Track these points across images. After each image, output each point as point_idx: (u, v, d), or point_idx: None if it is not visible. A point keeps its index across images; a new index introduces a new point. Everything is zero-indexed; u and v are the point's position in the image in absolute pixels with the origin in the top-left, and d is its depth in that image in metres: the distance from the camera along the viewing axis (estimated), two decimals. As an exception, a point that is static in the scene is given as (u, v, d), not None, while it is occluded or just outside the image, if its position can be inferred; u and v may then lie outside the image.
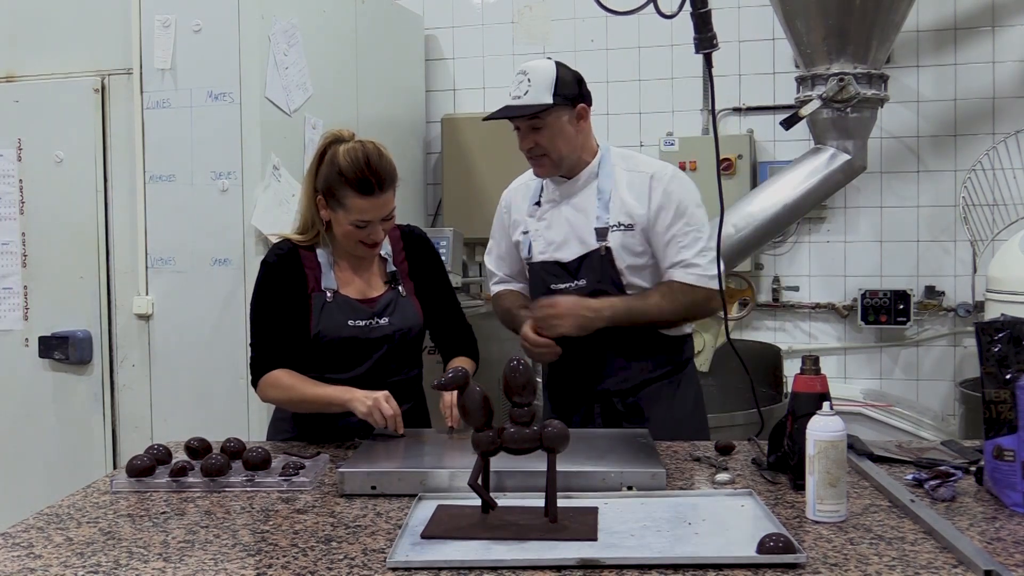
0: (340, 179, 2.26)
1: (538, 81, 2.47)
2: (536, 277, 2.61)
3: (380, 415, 2.18)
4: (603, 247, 2.49)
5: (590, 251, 2.51)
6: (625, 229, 2.49)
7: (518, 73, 2.52)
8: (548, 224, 2.59)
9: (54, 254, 3.47)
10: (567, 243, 2.55)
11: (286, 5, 3.42)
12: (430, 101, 4.86)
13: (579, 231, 2.53)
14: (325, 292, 2.36)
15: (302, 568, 1.52)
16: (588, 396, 2.56)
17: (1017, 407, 1.75)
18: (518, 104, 2.48)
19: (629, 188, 2.52)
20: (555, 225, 2.58)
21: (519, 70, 2.53)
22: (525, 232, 2.63)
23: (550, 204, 2.60)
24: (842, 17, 3.77)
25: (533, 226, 2.61)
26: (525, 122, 2.50)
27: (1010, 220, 4.14)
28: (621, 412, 2.52)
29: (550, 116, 2.47)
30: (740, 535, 1.61)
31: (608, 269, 2.49)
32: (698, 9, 2.21)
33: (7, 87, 3.52)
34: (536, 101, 2.46)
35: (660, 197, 2.48)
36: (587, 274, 2.50)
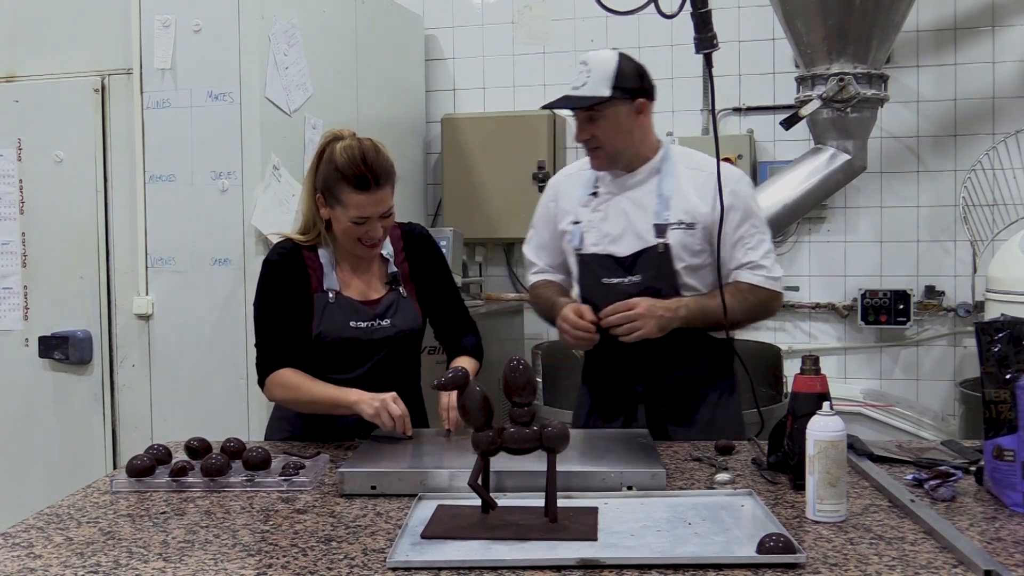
0: (337, 176, 2.27)
1: (598, 72, 2.40)
2: (586, 270, 2.54)
3: (388, 417, 2.18)
4: (662, 244, 2.43)
5: (647, 247, 2.45)
6: (686, 228, 2.44)
7: (580, 63, 2.45)
8: (604, 216, 2.52)
9: (54, 254, 3.47)
10: (623, 237, 2.48)
11: (286, 5, 3.42)
12: (430, 101, 4.86)
13: (636, 226, 2.47)
14: (327, 293, 2.36)
15: (302, 568, 1.52)
16: (632, 396, 2.51)
17: (1017, 407, 1.75)
18: (575, 95, 2.42)
19: (693, 187, 2.47)
20: (611, 217, 2.51)
21: (580, 60, 2.46)
22: (576, 222, 2.55)
23: (607, 196, 2.53)
24: (842, 17, 3.77)
25: (586, 216, 2.54)
26: (582, 113, 2.45)
27: (1010, 220, 4.14)
28: (665, 413, 2.48)
29: (608, 109, 2.42)
30: (740, 535, 1.61)
31: (665, 267, 2.43)
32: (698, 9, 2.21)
33: (7, 87, 3.52)
34: (594, 93, 2.40)
35: (728, 198, 2.43)
36: (643, 270, 2.44)
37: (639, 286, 2.45)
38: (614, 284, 2.47)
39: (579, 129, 2.48)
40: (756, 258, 2.47)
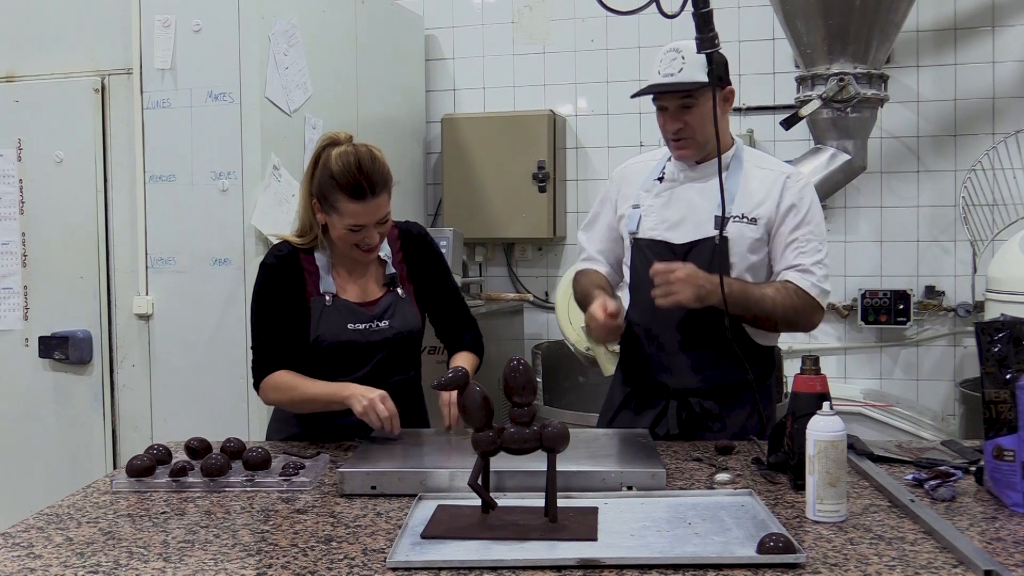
0: (332, 183, 2.26)
1: (693, 59, 2.33)
2: (640, 255, 2.50)
3: (376, 416, 2.18)
4: (719, 236, 2.40)
5: (705, 237, 2.42)
6: (748, 222, 2.43)
7: (669, 51, 2.40)
8: (666, 202, 2.50)
9: (54, 254, 3.47)
10: (682, 224, 2.46)
11: (286, 5, 3.42)
12: (430, 101, 4.86)
13: (697, 215, 2.44)
14: (324, 296, 2.36)
15: (302, 568, 1.52)
16: (665, 393, 2.48)
17: (1017, 407, 1.75)
18: (672, 81, 2.38)
19: (760, 184, 2.46)
20: (673, 204, 2.48)
21: (670, 47, 2.41)
22: (636, 206, 2.53)
23: (672, 182, 2.51)
24: (842, 17, 3.77)
25: (648, 201, 2.52)
26: (676, 100, 2.40)
27: (1010, 220, 4.14)
28: (698, 413, 2.45)
29: (702, 96, 2.38)
30: (740, 535, 1.61)
31: (720, 260, 2.39)
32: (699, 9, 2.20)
33: (7, 87, 3.52)
34: (692, 79, 2.35)
35: (793, 198, 2.43)
36: (696, 260, 2.37)
37: None
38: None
39: (670, 118, 2.43)
40: (807, 263, 2.42)
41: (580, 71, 4.70)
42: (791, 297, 2.41)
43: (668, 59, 2.40)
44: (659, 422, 2.47)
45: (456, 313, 2.54)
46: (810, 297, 2.41)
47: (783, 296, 2.40)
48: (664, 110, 2.45)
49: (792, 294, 2.41)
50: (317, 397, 2.30)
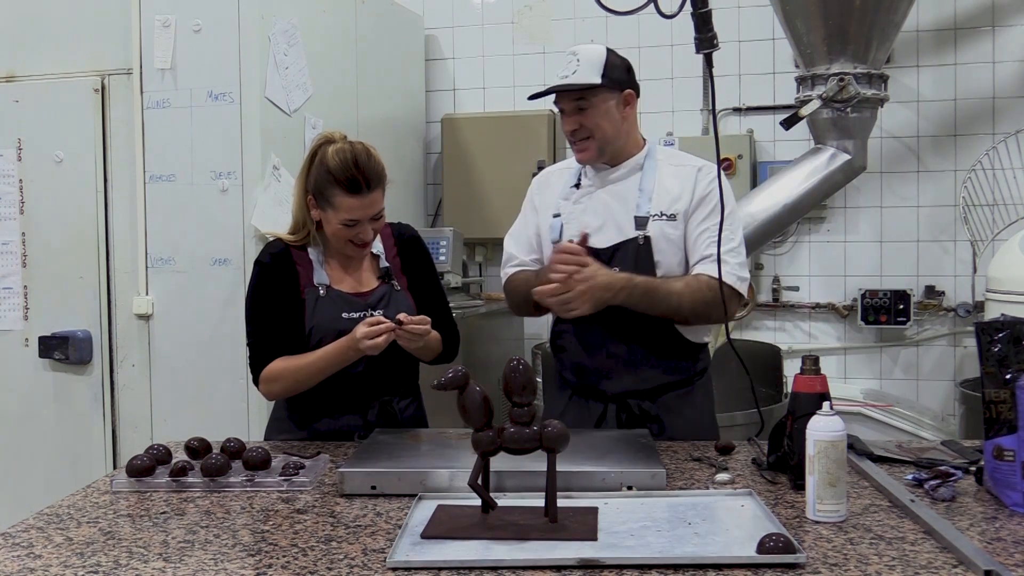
0: (329, 179, 2.28)
1: (587, 62, 2.42)
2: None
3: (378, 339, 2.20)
4: (642, 236, 2.42)
5: (627, 239, 2.44)
6: (667, 219, 2.44)
7: (568, 54, 2.47)
8: (584, 208, 2.52)
9: (54, 254, 3.47)
10: (603, 229, 2.47)
11: (286, 5, 3.42)
12: (430, 101, 4.86)
13: (617, 218, 2.47)
14: (318, 288, 2.38)
15: (302, 568, 1.52)
16: (603, 397, 2.50)
17: (1017, 407, 1.75)
18: (565, 83, 2.43)
19: (674, 180, 2.49)
20: (591, 210, 2.51)
21: (569, 51, 2.48)
22: (556, 215, 2.55)
23: (589, 188, 2.53)
24: (842, 17, 3.77)
25: (567, 209, 2.54)
26: (571, 102, 2.45)
27: (1010, 220, 4.14)
28: (637, 415, 2.46)
29: (596, 97, 2.43)
30: (740, 535, 1.61)
31: (644, 260, 2.42)
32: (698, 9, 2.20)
33: (7, 87, 3.52)
34: (584, 80, 2.41)
35: (703, 188, 2.46)
36: (621, 263, 2.42)
37: None
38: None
39: (567, 119, 2.49)
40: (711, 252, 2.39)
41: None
42: (701, 290, 2.39)
43: (564, 62, 2.46)
44: (599, 425, 2.49)
45: (439, 315, 2.50)
46: (723, 285, 2.37)
47: (692, 290, 2.39)
48: (562, 112, 2.50)
49: (704, 286, 2.39)
50: (320, 362, 2.31)
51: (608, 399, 2.49)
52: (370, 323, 2.23)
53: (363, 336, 2.21)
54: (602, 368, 2.49)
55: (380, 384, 2.42)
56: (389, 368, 2.40)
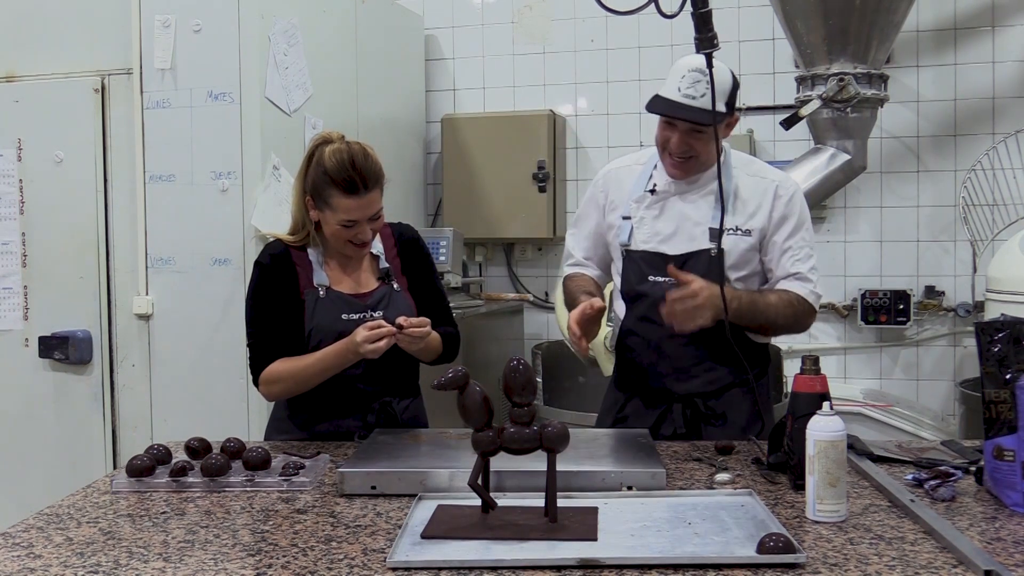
0: (326, 180, 2.28)
1: (718, 87, 2.31)
2: (633, 266, 2.50)
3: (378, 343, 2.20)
4: (715, 248, 2.41)
5: (700, 250, 2.43)
6: (743, 234, 2.44)
7: (693, 70, 2.34)
8: (658, 214, 2.49)
9: (54, 254, 3.47)
10: (675, 236, 2.46)
11: (286, 5, 3.42)
12: (430, 101, 4.86)
13: (690, 228, 2.45)
14: (317, 289, 2.38)
15: (302, 568, 1.52)
16: (668, 397, 2.49)
17: (1017, 407, 1.75)
18: (694, 106, 2.33)
19: (751, 193, 2.47)
20: (665, 217, 2.48)
21: (695, 67, 2.34)
22: (627, 217, 2.52)
23: (664, 194, 2.50)
24: (842, 17, 3.77)
25: (640, 212, 2.51)
26: (687, 124, 2.37)
27: (1010, 220, 4.14)
28: (703, 414, 2.46)
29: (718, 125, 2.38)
30: (740, 535, 1.61)
31: (714, 272, 2.39)
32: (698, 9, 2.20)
33: (7, 87, 3.52)
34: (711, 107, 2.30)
35: (785, 207, 2.45)
36: (692, 272, 2.36)
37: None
38: (660, 282, 2.44)
39: (678, 139, 2.40)
40: (804, 270, 2.46)
41: (580, 71, 4.70)
42: (791, 305, 2.45)
43: (691, 80, 2.35)
44: (661, 423, 2.48)
45: (439, 315, 2.50)
46: (808, 304, 2.47)
47: (784, 305, 2.44)
48: (671, 126, 2.42)
49: (792, 302, 2.45)
50: (314, 366, 2.31)
51: (675, 399, 2.49)
52: (370, 327, 2.22)
53: (363, 340, 2.21)
54: (670, 370, 2.48)
55: (380, 384, 2.42)
56: (389, 368, 2.39)
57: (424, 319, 2.28)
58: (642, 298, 2.49)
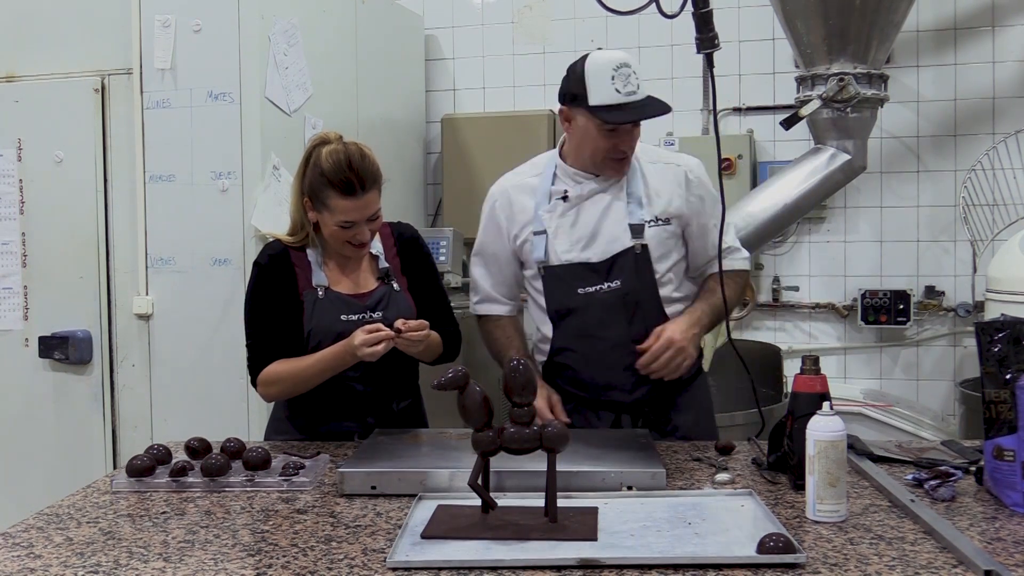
0: (323, 181, 2.28)
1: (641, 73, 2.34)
2: (557, 281, 2.43)
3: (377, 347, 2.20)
4: (639, 244, 2.38)
5: (624, 249, 2.39)
6: (663, 224, 2.41)
7: (622, 66, 2.31)
8: (574, 221, 2.43)
9: (54, 254, 3.47)
10: (595, 241, 2.41)
11: (286, 5, 3.42)
12: (430, 101, 4.86)
13: (610, 228, 2.40)
14: (316, 289, 2.37)
15: (302, 568, 1.52)
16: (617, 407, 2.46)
17: (1017, 407, 1.75)
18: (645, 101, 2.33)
19: (660, 181, 2.44)
20: (583, 221, 2.42)
21: (622, 62, 2.32)
22: (538, 232, 2.44)
23: (576, 199, 2.44)
24: (842, 17, 3.77)
25: (553, 224, 2.44)
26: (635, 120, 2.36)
27: (1010, 220, 4.14)
28: (652, 420, 2.44)
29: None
30: (740, 535, 1.61)
31: (643, 269, 2.38)
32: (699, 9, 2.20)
33: (7, 87, 3.52)
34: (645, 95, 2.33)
35: (698, 188, 2.46)
36: (620, 274, 2.38)
37: (618, 292, 2.39)
38: (591, 292, 2.40)
39: (628, 138, 2.38)
40: (729, 241, 2.51)
41: (580, 71, 4.69)
42: (738, 283, 2.54)
43: (623, 76, 2.32)
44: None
45: (441, 318, 2.49)
46: (745, 272, 2.59)
47: (732, 289, 2.48)
48: (614, 132, 2.35)
49: (736, 280, 2.52)
50: (312, 368, 2.31)
51: (622, 409, 2.47)
52: (369, 330, 2.22)
53: (362, 343, 2.20)
54: (613, 382, 2.45)
55: (379, 385, 2.42)
56: (388, 369, 2.39)
57: (423, 321, 2.27)
58: (573, 312, 2.43)
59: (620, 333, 2.40)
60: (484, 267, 2.60)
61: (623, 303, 2.40)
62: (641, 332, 2.39)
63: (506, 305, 2.61)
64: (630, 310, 2.40)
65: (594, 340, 2.42)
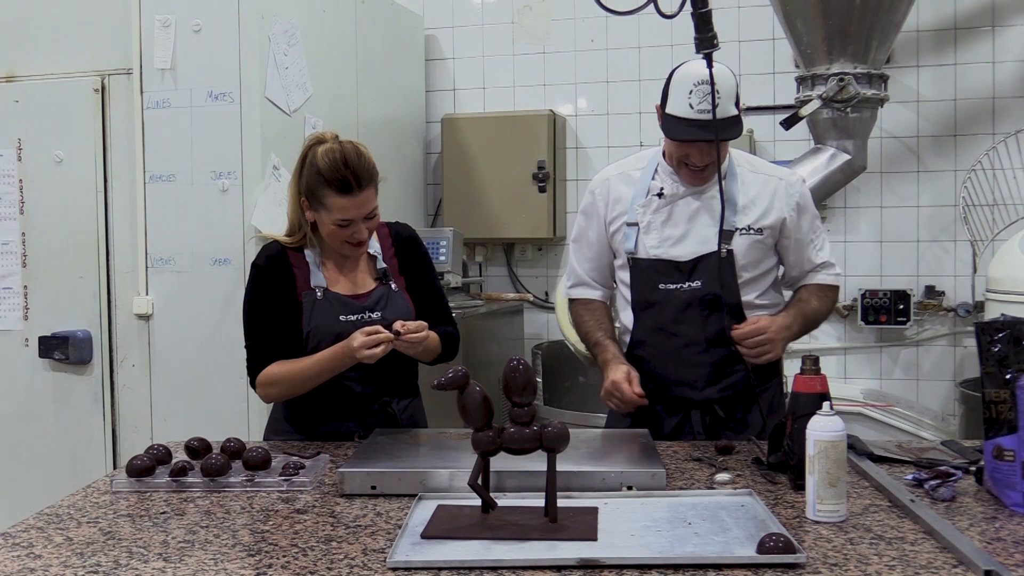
0: (319, 180, 2.28)
1: (726, 94, 2.32)
2: (642, 274, 2.48)
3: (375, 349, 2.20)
4: (725, 249, 2.40)
5: (710, 252, 2.41)
6: (755, 233, 2.44)
7: (700, 84, 2.31)
8: (667, 217, 2.47)
9: (54, 254, 3.47)
10: (686, 240, 2.45)
11: (286, 5, 3.42)
12: (430, 101, 4.86)
13: (700, 230, 2.44)
14: (315, 290, 2.37)
15: (302, 568, 1.52)
16: (687, 404, 2.48)
17: (1017, 407, 1.75)
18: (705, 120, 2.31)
19: (759, 191, 2.48)
20: (674, 220, 2.46)
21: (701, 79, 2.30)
22: (632, 224, 2.49)
23: (671, 198, 2.48)
24: (842, 17, 3.77)
25: (646, 218, 2.48)
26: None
27: (1010, 220, 4.14)
28: (722, 419, 2.46)
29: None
30: (740, 535, 1.61)
31: (726, 273, 2.40)
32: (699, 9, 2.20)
33: (7, 87, 3.52)
34: (726, 114, 2.33)
35: (797, 201, 2.49)
36: (703, 275, 2.41)
37: (698, 292, 2.43)
38: (672, 289, 2.44)
39: (700, 152, 2.37)
40: (826, 258, 2.57)
41: (580, 71, 4.70)
42: (829, 298, 2.58)
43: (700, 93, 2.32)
44: (681, 431, 2.48)
45: (438, 315, 2.50)
46: (836, 288, 2.62)
47: (825, 303, 2.56)
48: (688, 143, 2.38)
49: (828, 294, 2.57)
50: (310, 369, 2.31)
51: (693, 406, 2.48)
52: (368, 332, 2.21)
53: (360, 345, 2.20)
54: (684, 378, 2.47)
55: (378, 386, 2.42)
56: (387, 370, 2.39)
57: (421, 323, 2.27)
58: (653, 307, 2.48)
59: (695, 332, 2.45)
60: (580, 252, 2.66)
61: (701, 303, 2.44)
62: (717, 334, 2.43)
63: (599, 290, 2.66)
64: (708, 311, 2.44)
65: (669, 336, 2.46)
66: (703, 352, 2.44)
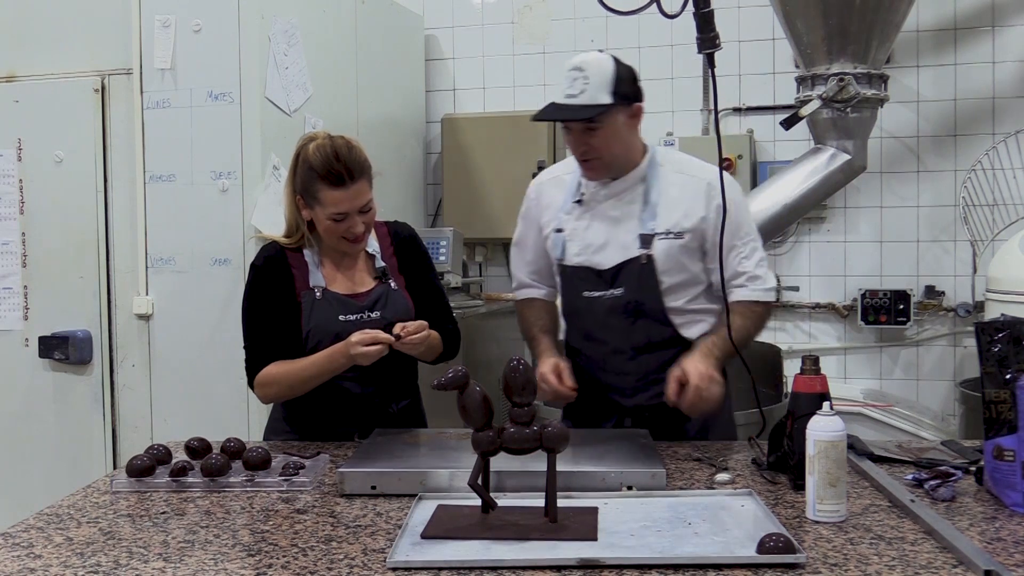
0: (312, 175, 2.28)
1: (596, 78, 2.28)
2: (568, 282, 2.48)
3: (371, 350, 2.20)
4: (645, 255, 2.36)
5: (630, 259, 2.37)
6: (674, 237, 2.37)
7: (572, 69, 2.31)
8: (587, 225, 2.43)
9: (54, 254, 3.47)
10: (606, 248, 2.40)
11: (286, 5, 3.42)
12: (430, 101, 4.86)
13: (621, 236, 2.39)
14: (314, 290, 2.37)
15: (302, 568, 1.52)
16: (619, 410, 2.46)
17: (1017, 407, 1.75)
18: (574, 104, 2.29)
19: (682, 192, 2.39)
20: (595, 227, 2.42)
21: (573, 65, 2.32)
22: (559, 230, 2.46)
23: (592, 203, 2.44)
24: (842, 17, 3.77)
25: (570, 225, 2.45)
26: (579, 123, 2.32)
27: (1010, 220, 4.14)
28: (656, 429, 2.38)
29: (607, 117, 2.29)
30: (740, 535, 1.61)
31: (648, 279, 2.36)
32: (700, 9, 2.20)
33: (7, 87, 3.52)
34: (594, 101, 2.27)
35: (717, 203, 2.33)
36: (625, 283, 2.37)
37: (621, 299, 2.39)
38: (596, 298, 2.41)
39: (575, 141, 2.36)
40: (750, 268, 2.41)
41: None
42: (755, 314, 2.44)
43: (569, 78, 2.32)
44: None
45: (439, 316, 2.49)
46: (763, 305, 2.45)
47: (751, 321, 2.42)
48: (568, 131, 2.37)
49: (754, 311, 2.43)
50: (308, 370, 2.31)
51: (624, 412, 2.47)
52: (366, 334, 2.22)
53: (357, 342, 2.20)
54: (614, 384, 2.46)
55: (378, 386, 2.41)
56: (386, 370, 2.39)
57: (422, 323, 2.27)
58: (578, 314, 2.47)
59: (620, 340, 2.42)
60: (520, 256, 2.65)
61: (624, 311, 2.40)
62: (643, 340, 2.41)
63: (542, 289, 2.63)
64: (633, 318, 2.40)
65: (597, 343, 2.45)
66: (630, 360, 2.41)
